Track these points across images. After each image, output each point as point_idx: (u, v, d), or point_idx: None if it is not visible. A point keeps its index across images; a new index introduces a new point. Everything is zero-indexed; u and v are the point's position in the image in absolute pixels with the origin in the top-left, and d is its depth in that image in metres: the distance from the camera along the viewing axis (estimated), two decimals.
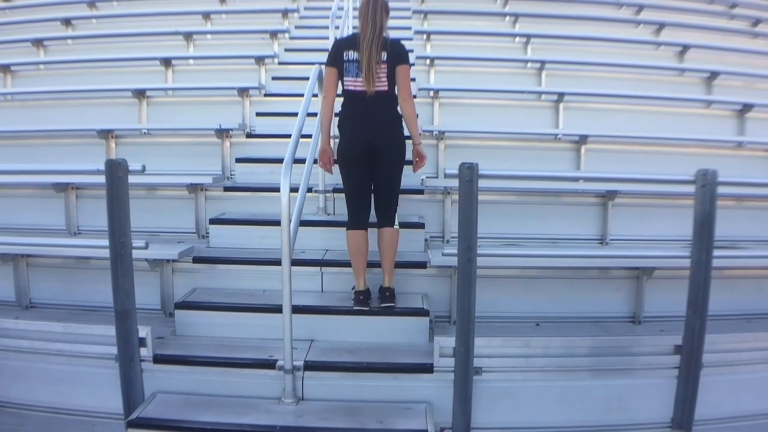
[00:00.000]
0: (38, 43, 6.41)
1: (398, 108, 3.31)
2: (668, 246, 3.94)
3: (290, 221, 2.73)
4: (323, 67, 3.40)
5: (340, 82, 3.31)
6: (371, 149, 3.22)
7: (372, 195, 3.34)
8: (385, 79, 3.22)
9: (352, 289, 3.32)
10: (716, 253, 2.83)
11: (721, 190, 2.81)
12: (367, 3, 3.23)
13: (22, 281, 3.71)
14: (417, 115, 3.51)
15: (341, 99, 3.35)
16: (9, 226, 4.17)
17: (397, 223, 3.35)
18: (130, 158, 2.83)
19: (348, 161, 3.27)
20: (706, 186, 2.78)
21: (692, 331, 2.84)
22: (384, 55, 3.20)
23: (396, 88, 3.27)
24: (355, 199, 3.30)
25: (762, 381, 3.11)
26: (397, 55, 3.25)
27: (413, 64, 4.45)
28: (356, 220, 3.29)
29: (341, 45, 3.32)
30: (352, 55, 3.22)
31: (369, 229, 3.33)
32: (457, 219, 2.69)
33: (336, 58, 3.27)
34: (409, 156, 3.42)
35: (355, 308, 3.23)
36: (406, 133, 3.36)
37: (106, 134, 4.61)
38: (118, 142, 4.71)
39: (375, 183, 3.30)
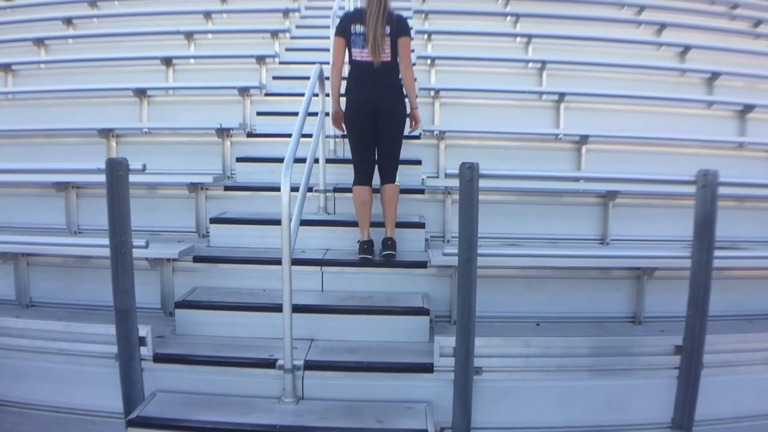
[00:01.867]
0: (39, 42, 6.43)
1: (399, 75, 3.61)
2: (669, 246, 3.93)
3: (291, 220, 2.72)
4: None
5: (346, 51, 3.58)
6: (375, 113, 3.52)
7: (375, 156, 3.64)
8: (389, 50, 3.52)
9: (358, 241, 3.59)
10: (717, 253, 2.83)
11: (721, 190, 2.80)
12: None
13: (22, 280, 3.71)
14: (416, 79, 3.86)
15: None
16: (10, 225, 4.17)
17: (398, 180, 3.68)
18: (130, 157, 2.82)
19: (355, 124, 3.59)
20: (707, 186, 2.78)
21: (693, 332, 2.84)
22: (387, 29, 3.49)
23: (398, 57, 3.55)
24: (360, 158, 3.63)
25: (762, 381, 3.11)
26: (400, 28, 3.56)
27: (414, 64, 4.52)
28: (361, 177, 3.61)
29: (349, 18, 3.60)
30: (359, 28, 3.51)
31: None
32: (458, 219, 2.68)
33: (344, 28, 3.56)
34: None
35: (360, 256, 3.49)
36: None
37: (106, 133, 4.62)
38: (119, 141, 4.72)
39: (378, 145, 3.61)
